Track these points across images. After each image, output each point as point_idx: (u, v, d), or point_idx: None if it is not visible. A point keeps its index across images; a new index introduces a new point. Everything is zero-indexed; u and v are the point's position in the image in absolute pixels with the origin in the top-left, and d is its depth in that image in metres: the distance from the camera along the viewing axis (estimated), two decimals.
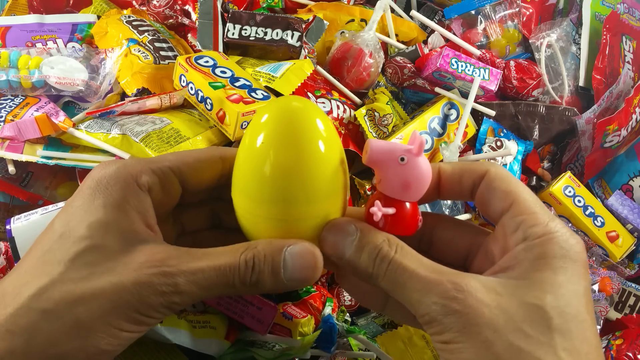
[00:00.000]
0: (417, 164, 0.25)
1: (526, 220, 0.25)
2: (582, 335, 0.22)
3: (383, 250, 0.25)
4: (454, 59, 0.56)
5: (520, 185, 0.26)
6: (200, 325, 0.33)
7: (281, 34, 0.54)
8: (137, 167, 0.26)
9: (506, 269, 0.24)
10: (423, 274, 0.24)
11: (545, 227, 0.24)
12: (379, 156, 0.25)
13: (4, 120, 0.46)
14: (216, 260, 0.25)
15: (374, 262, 0.25)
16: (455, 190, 0.28)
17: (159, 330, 0.31)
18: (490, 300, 0.22)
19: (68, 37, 0.57)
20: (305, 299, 0.45)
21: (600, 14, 0.71)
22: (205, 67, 0.49)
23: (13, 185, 0.48)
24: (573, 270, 0.23)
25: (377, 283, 0.25)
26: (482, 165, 0.28)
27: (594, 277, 0.57)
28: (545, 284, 0.23)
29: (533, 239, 0.24)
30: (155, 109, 0.50)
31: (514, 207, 0.26)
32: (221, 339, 0.34)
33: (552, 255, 0.23)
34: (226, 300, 0.35)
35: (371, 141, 0.25)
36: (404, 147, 0.25)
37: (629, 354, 0.53)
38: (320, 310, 0.45)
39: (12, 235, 0.36)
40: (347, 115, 0.55)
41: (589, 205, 0.61)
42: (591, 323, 0.23)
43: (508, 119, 0.63)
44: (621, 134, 0.63)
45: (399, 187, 0.25)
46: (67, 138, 0.46)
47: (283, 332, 0.38)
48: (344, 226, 0.26)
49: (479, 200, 0.28)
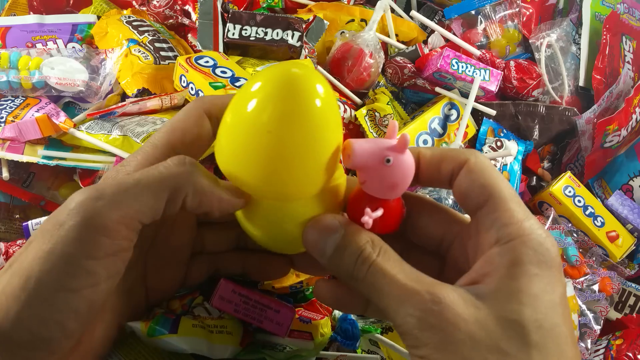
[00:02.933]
0: (402, 163, 0.24)
1: (500, 217, 0.24)
2: (559, 349, 0.22)
3: (365, 251, 0.24)
4: (454, 60, 0.56)
5: (499, 178, 0.25)
6: (217, 330, 0.33)
7: (281, 34, 0.54)
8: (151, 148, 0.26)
9: (483, 277, 0.23)
10: (402, 282, 0.23)
11: (519, 227, 0.23)
12: (363, 159, 0.23)
13: (4, 121, 0.46)
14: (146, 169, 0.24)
15: (354, 263, 0.24)
16: (434, 177, 0.27)
17: (174, 342, 0.31)
18: (468, 315, 0.22)
19: (68, 37, 0.57)
20: (313, 300, 0.45)
21: (600, 14, 0.71)
22: (205, 67, 0.49)
23: (15, 186, 0.48)
24: (549, 278, 0.23)
25: (356, 285, 0.24)
26: (463, 153, 0.26)
27: (594, 277, 0.58)
28: (521, 295, 0.22)
29: (507, 241, 0.23)
30: (156, 110, 0.50)
31: (490, 201, 0.24)
32: (236, 345, 0.34)
33: (526, 261, 0.22)
34: (243, 307, 0.35)
35: (353, 143, 0.23)
36: (388, 145, 0.23)
37: (629, 354, 0.53)
38: (330, 310, 0.45)
39: None
40: (348, 115, 0.55)
41: (589, 205, 0.61)
42: (567, 334, 0.22)
43: (508, 119, 0.63)
44: (621, 134, 0.63)
45: (385, 188, 0.24)
46: (68, 139, 0.46)
47: (304, 337, 0.38)
48: (328, 223, 0.25)
49: (457, 190, 0.26)
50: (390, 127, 0.24)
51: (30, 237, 0.22)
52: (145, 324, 0.30)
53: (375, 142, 0.24)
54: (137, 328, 0.30)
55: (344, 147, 0.24)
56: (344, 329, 0.41)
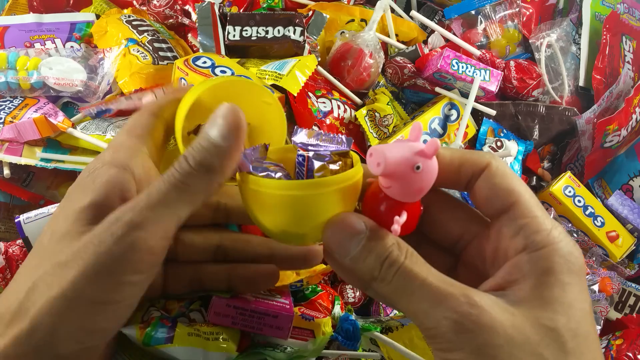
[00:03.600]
0: (431, 168, 0.23)
1: (528, 225, 0.24)
2: (593, 356, 0.22)
3: (393, 254, 0.23)
4: (454, 60, 0.56)
5: (522, 184, 0.25)
6: (213, 338, 0.33)
7: (283, 31, 0.54)
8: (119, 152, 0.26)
9: (512, 283, 0.23)
10: (435, 284, 0.22)
11: (548, 235, 0.23)
12: (395, 168, 0.23)
13: (3, 121, 0.46)
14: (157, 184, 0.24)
15: (380, 266, 0.23)
16: (451, 179, 0.26)
17: (170, 352, 0.31)
18: (505, 320, 0.22)
19: (66, 36, 0.57)
20: (312, 299, 0.45)
21: (600, 14, 0.71)
22: (204, 68, 0.49)
23: (14, 185, 0.48)
24: (579, 286, 0.23)
25: (379, 288, 0.24)
26: (484, 156, 0.26)
27: (594, 277, 0.58)
28: (556, 304, 0.22)
29: (536, 249, 0.23)
30: None
31: (515, 208, 0.24)
32: (233, 352, 0.33)
33: (558, 270, 0.23)
34: (241, 319, 0.35)
35: (384, 151, 0.23)
36: (417, 149, 0.23)
37: (629, 354, 0.53)
38: (330, 309, 0.44)
39: (25, 235, 0.36)
40: (348, 115, 0.55)
41: (589, 205, 0.61)
42: (597, 341, 0.23)
43: (508, 119, 0.63)
44: (621, 134, 0.63)
45: (412, 193, 0.24)
46: (65, 139, 0.46)
47: (305, 334, 0.38)
48: (351, 223, 0.24)
49: (477, 194, 0.26)
50: (415, 129, 0.24)
51: (69, 252, 0.23)
52: (141, 332, 0.30)
53: (403, 147, 0.23)
54: (132, 335, 0.30)
55: (371, 153, 0.23)
56: (345, 328, 0.41)
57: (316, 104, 0.53)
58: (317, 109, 0.53)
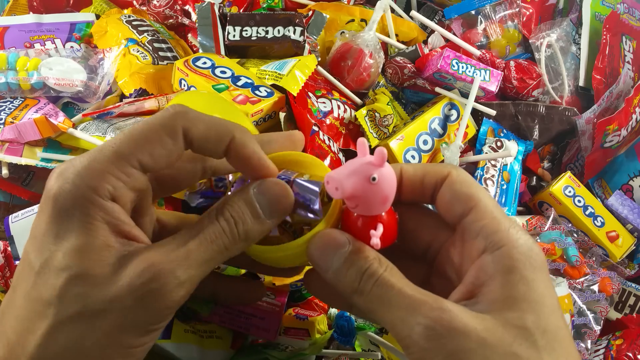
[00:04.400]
0: (387, 175, 0.24)
1: (487, 225, 0.25)
2: (566, 351, 0.23)
3: (373, 266, 0.24)
4: (454, 60, 0.56)
5: (481, 190, 0.26)
6: (207, 335, 0.33)
7: (283, 31, 0.54)
8: (93, 174, 0.23)
9: (480, 287, 0.24)
10: (410, 293, 0.23)
11: (507, 234, 0.24)
12: (352, 187, 0.23)
13: (3, 122, 0.46)
14: (200, 234, 0.24)
15: (360, 278, 0.24)
16: (417, 192, 0.28)
17: (168, 347, 0.31)
18: (477, 324, 0.22)
19: (66, 36, 0.57)
20: (309, 299, 0.45)
21: (600, 14, 0.71)
22: (204, 69, 0.49)
23: (15, 184, 0.48)
24: (544, 282, 0.23)
25: (359, 299, 0.24)
26: (444, 167, 0.27)
27: (594, 277, 0.58)
28: (524, 303, 0.23)
29: (496, 248, 0.24)
30: (154, 111, 0.50)
31: (474, 211, 0.25)
32: (227, 349, 0.34)
33: (521, 267, 0.23)
34: (229, 317, 0.35)
35: (338, 175, 0.23)
36: (367, 162, 0.23)
37: (629, 354, 0.53)
38: (326, 309, 0.45)
39: (11, 234, 0.36)
40: (348, 115, 0.55)
41: (589, 205, 0.61)
42: (569, 335, 0.23)
43: (508, 119, 0.63)
44: (621, 134, 0.63)
45: (377, 205, 0.24)
46: (65, 139, 0.46)
47: (301, 334, 0.38)
48: (335, 238, 0.25)
49: (440, 202, 0.27)
50: (360, 145, 0.24)
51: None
52: None
53: (354, 165, 0.24)
54: None
55: (327, 181, 0.24)
56: (340, 325, 0.42)
57: (316, 104, 0.53)
58: (317, 109, 0.53)
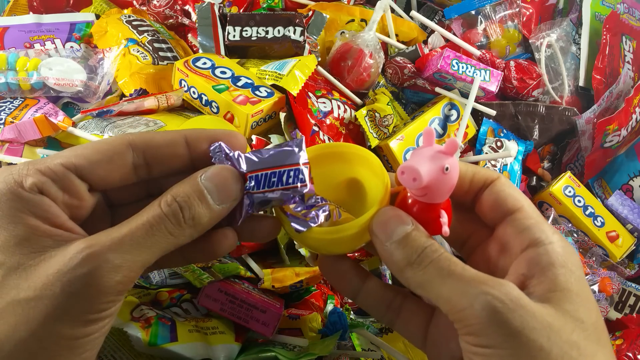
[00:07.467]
0: (455, 165, 0.25)
1: (534, 224, 0.26)
2: (609, 349, 0.24)
3: (433, 246, 0.25)
4: (454, 60, 0.56)
5: (526, 197, 0.28)
6: (211, 332, 0.33)
7: (283, 31, 0.54)
8: (22, 171, 0.24)
9: (531, 279, 0.24)
10: (470, 271, 0.24)
11: (552, 232, 0.26)
12: (430, 178, 0.24)
13: (3, 122, 0.46)
14: (138, 219, 0.24)
15: (419, 253, 0.25)
16: (464, 189, 0.29)
17: (177, 350, 0.31)
18: (537, 308, 0.23)
19: (66, 36, 0.57)
20: (306, 298, 0.45)
21: (600, 14, 0.71)
22: (204, 69, 0.49)
23: None
24: (585, 280, 0.25)
25: (412, 272, 0.25)
26: (493, 171, 0.29)
27: (594, 277, 0.58)
28: (577, 297, 0.24)
29: (548, 243, 0.25)
30: (154, 110, 0.50)
31: (521, 211, 0.27)
32: (232, 342, 0.34)
33: (570, 264, 0.24)
34: (229, 306, 0.35)
35: (416, 166, 0.24)
36: (440, 151, 0.25)
37: (629, 354, 0.53)
38: (322, 308, 0.45)
39: None
40: (348, 115, 0.55)
41: (589, 205, 0.61)
42: (607, 333, 0.25)
43: (508, 119, 0.63)
44: (621, 134, 0.63)
45: (445, 193, 0.25)
46: (65, 138, 0.46)
47: (293, 334, 0.38)
48: (402, 215, 0.26)
49: (484, 201, 0.28)
50: (429, 134, 0.25)
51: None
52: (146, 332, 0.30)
53: (428, 155, 0.25)
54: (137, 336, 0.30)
55: (402, 171, 0.24)
56: (333, 321, 0.42)
57: (316, 104, 0.53)
58: (317, 109, 0.53)
